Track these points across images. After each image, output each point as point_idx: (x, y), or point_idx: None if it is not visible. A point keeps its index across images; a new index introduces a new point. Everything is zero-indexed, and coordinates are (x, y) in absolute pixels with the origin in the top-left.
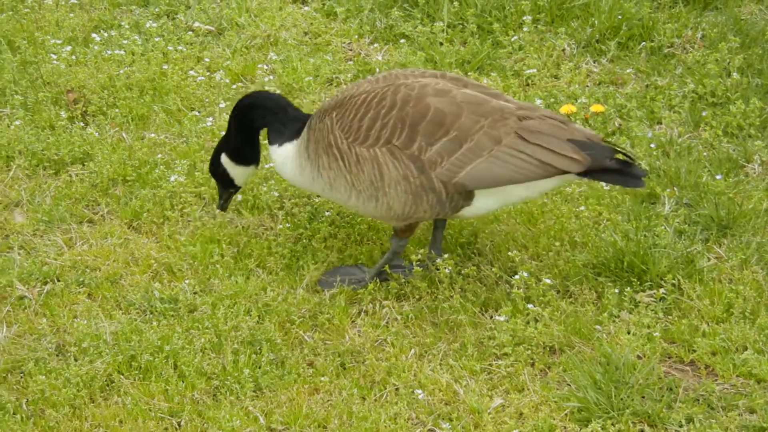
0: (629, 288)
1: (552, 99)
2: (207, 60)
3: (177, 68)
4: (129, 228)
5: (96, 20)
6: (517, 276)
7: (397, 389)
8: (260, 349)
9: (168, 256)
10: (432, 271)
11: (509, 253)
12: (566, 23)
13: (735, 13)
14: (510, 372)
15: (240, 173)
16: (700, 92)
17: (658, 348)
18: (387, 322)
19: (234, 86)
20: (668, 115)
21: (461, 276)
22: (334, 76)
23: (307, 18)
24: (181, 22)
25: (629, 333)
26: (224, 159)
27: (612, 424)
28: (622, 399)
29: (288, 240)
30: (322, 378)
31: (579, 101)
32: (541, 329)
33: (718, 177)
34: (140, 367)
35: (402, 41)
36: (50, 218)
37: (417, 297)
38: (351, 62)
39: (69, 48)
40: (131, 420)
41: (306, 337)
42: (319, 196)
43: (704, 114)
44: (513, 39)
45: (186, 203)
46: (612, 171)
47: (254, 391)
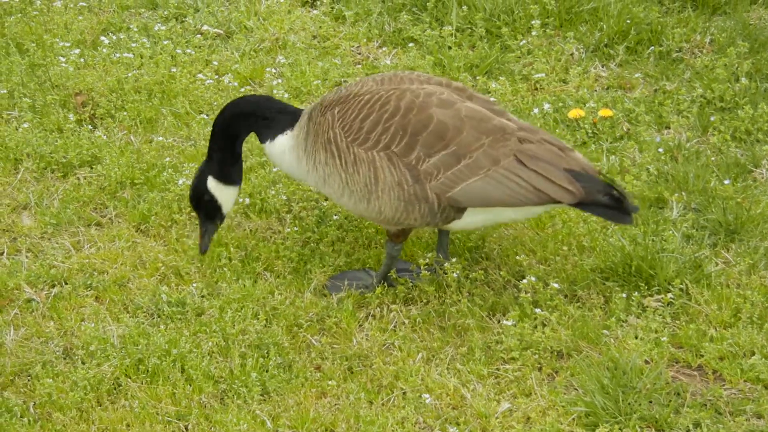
0: (637, 293)
1: (560, 103)
2: (215, 63)
3: (185, 71)
4: (137, 231)
5: (105, 23)
6: (525, 280)
7: (405, 393)
8: (268, 353)
9: (176, 260)
10: (440, 275)
11: (517, 258)
12: (575, 27)
13: (744, 18)
14: (517, 376)
15: (228, 196)
16: (709, 97)
17: (666, 353)
18: (394, 326)
19: (242, 89)
20: (676, 120)
21: (469, 280)
22: (343, 80)
23: (316, 21)
24: (190, 25)
25: (637, 338)
26: (211, 183)
27: (619, 429)
28: (630, 404)
29: (296, 243)
30: (330, 382)
31: (587, 105)
32: (549, 334)
33: (726, 182)
34: (147, 371)
35: (410, 45)
36: (58, 221)
37: (424, 301)
38: (359, 66)
39: (77, 51)
40: (138, 423)
41: (313, 341)
42: (327, 200)
43: (712, 119)
44: (521, 43)
45: None
46: (603, 205)
47: (261, 395)
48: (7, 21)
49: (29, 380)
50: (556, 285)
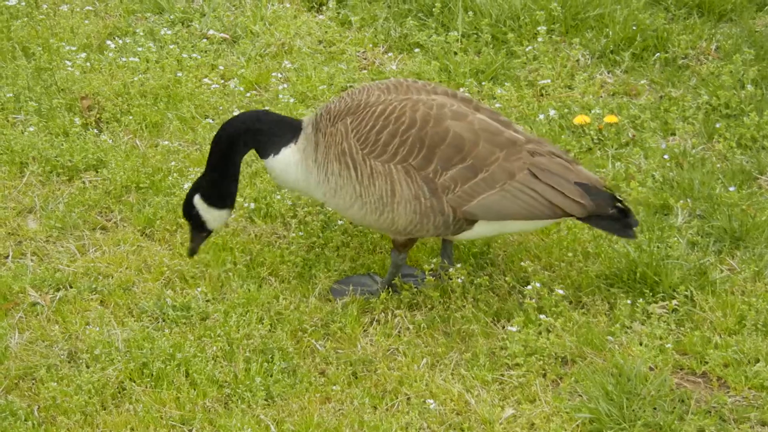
0: (642, 299)
1: (566, 109)
2: (221, 68)
3: (191, 76)
4: (142, 235)
5: (111, 27)
6: (530, 286)
7: (409, 399)
8: (272, 358)
9: (181, 264)
10: (444, 281)
11: (522, 263)
12: (581, 34)
13: (749, 25)
14: (522, 382)
15: (212, 217)
16: (714, 104)
17: (670, 359)
18: (399, 332)
19: (248, 94)
20: (682, 127)
21: (474, 286)
22: (348, 85)
23: (322, 26)
24: (196, 30)
25: (641, 344)
26: (197, 200)
27: None
28: (634, 410)
29: (301, 248)
30: (334, 387)
31: (593, 112)
32: (553, 340)
33: (732, 189)
34: (152, 375)
35: (416, 50)
36: (63, 225)
37: (429, 306)
38: (365, 71)
39: (84, 55)
40: (142, 427)
41: (318, 346)
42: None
43: (718, 126)
44: (527, 49)
45: None
46: (609, 218)
47: (266, 400)
48: (14, 25)
49: (34, 383)
50: (561, 291)
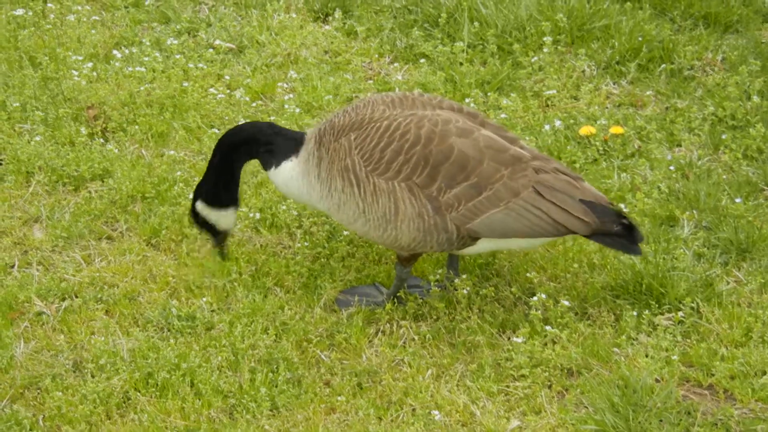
0: (648, 311)
1: (571, 120)
2: (227, 77)
3: (197, 85)
4: (147, 245)
5: (117, 37)
6: (535, 297)
7: (414, 410)
8: (277, 368)
9: (186, 274)
10: (450, 292)
11: (527, 275)
12: (586, 44)
13: (756, 36)
14: (527, 394)
15: (221, 218)
16: (720, 115)
17: (677, 371)
18: (404, 343)
19: (254, 104)
20: (688, 138)
21: (479, 297)
22: (354, 95)
23: (328, 37)
24: (202, 40)
25: (647, 356)
26: (200, 206)
27: None
28: (640, 422)
29: (306, 259)
30: (339, 397)
31: (598, 123)
32: (559, 351)
33: (738, 200)
34: (157, 385)
35: (422, 61)
36: (69, 234)
37: (434, 317)
38: (371, 81)
39: (90, 64)
40: None
41: (323, 357)
42: None
43: (724, 137)
44: (533, 60)
45: None
46: (614, 235)
47: (271, 410)
48: (21, 34)
49: (39, 393)
50: (567, 302)
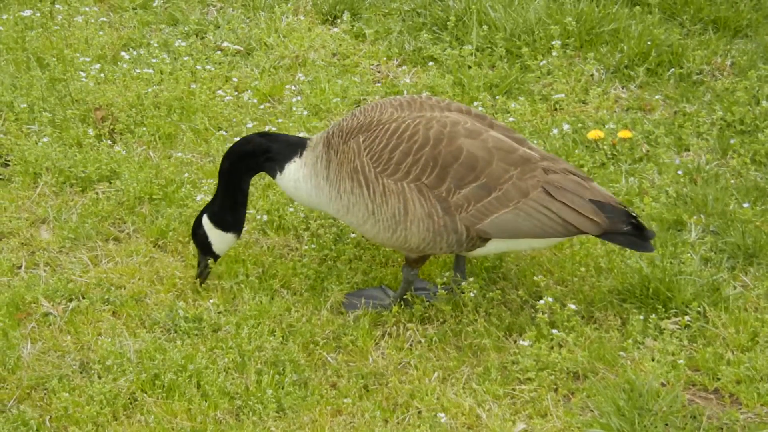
0: (654, 315)
1: (580, 124)
2: (235, 80)
3: (205, 87)
4: (154, 246)
5: (125, 38)
6: (542, 301)
7: (420, 412)
8: (283, 370)
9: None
10: (457, 295)
11: (534, 278)
12: (595, 48)
13: (765, 41)
14: (533, 397)
15: (218, 239)
16: (729, 120)
17: (683, 375)
18: (411, 345)
19: (262, 106)
20: (696, 142)
21: (486, 300)
22: (362, 98)
23: (336, 39)
24: (210, 42)
25: (653, 360)
26: (205, 220)
27: None
28: (646, 426)
29: (313, 261)
30: (345, 400)
31: (607, 127)
32: (565, 354)
33: (746, 205)
34: (163, 386)
35: (430, 64)
36: (76, 235)
37: (441, 320)
38: (379, 84)
39: (98, 66)
40: None
41: (329, 359)
42: None
43: (732, 141)
44: (541, 63)
45: None
46: (624, 234)
47: (277, 412)
48: (28, 35)
49: (46, 394)
50: (573, 306)
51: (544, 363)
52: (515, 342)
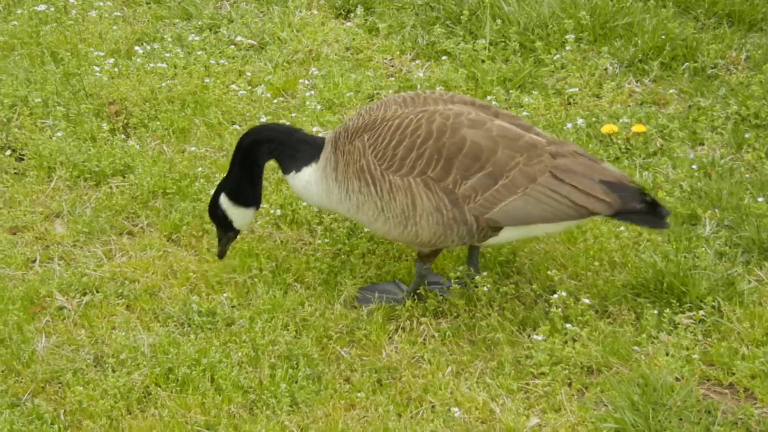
0: (668, 309)
1: (593, 118)
2: (249, 74)
3: (218, 82)
4: (168, 240)
5: (139, 33)
6: (556, 295)
7: (434, 407)
8: (297, 364)
9: (206, 269)
10: (470, 289)
11: (548, 272)
12: (609, 42)
13: None
14: (547, 391)
15: (239, 215)
16: (744, 114)
17: (697, 370)
18: (424, 339)
19: (275, 101)
20: (711, 137)
21: (499, 294)
22: (375, 92)
23: (349, 33)
24: (224, 36)
25: (668, 354)
26: (223, 199)
27: None
28: (660, 421)
29: (326, 255)
30: (359, 394)
31: (621, 121)
32: (579, 349)
33: (760, 199)
34: (177, 380)
35: (444, 58)
36: (90, 229)
37: (455, 314)
38: (392, 78)
39: (112, 60)
40: None
41: (343, 353)
42: None
43: (747, 136)
44: (555, 57)
45: None
46: (639, 212)
47: (290, 406)
48: (43, 30)
49: (60, 387)
50: (587, 300)
51: (558, 357)
52: (529, 336)
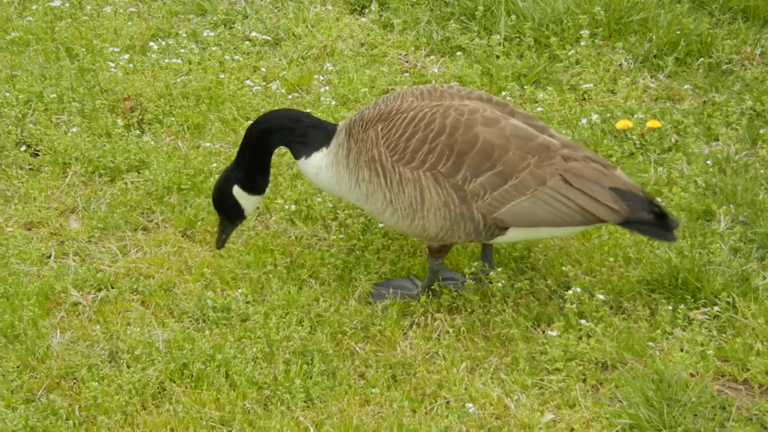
0: (683, 305)
1: (608, 114)
2: (263, 70)
3: (233, 77)
4: (183, 236)
5: (154, 29)
6: (571, 291)
7: (448, 402)
8: (312, 360)
9: (221, 265)
10: (484, 285)
11: (563, 268)
12: (624, 38)
13: None
14: (561, 387)
15: (251, 203)
16: (758, 109)
17: (712, 366)
18: (439, 335)
19: (290, 96)
20: (725, 132)
21: (514, 290)
22: (390, 88)
23: (364, 29)
24: (239, 32)
25: (682, 350)
26: (237, 190)
27: None
28: (675, 417)
29: (341, 251)
30: (373, 390)
31: (635, 116)
32: (594, 345)
33: None
34: (192, 376)
35: (458, 54)
36: (105, 225)
37: (469, 310)
38: (407, 74)
39: (126, 56)
40: (182, 428)
41: (357, 349)
42: None
43: (762, 131)
44: (570, 53)
45: None
46: (647, 223)
47: (305, 402)
48: (58, 26)
49: (75, 383)
50: (602, 296)
51: (573, 353)
52: (543, 332)
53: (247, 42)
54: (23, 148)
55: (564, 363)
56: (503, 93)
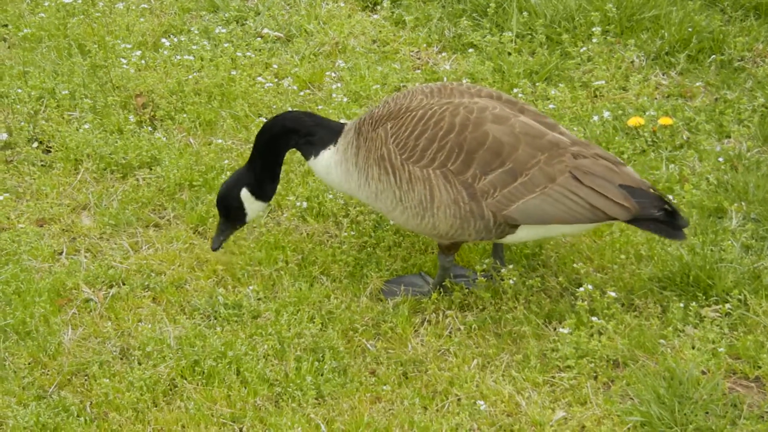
0: (695, 302)
1: (620, 111)
2: (275, 66)
3: (245, 74)
4: (194, 233)
5: (166, 25)
6: (582, 288)
7: (459, 400)
8: (323, 357)
9: (232, 262)
10: (496, 282)
11: (574, 265)
12: (636, 35)
13: None
14: (573, 385)
15: (256, 209)
16: None
17: (723, 363)
18: (450, 332)
19: (302, 93)
20: (737, 129)
21: (525, 287)
22: (402, 85)
23: (376, 26)
24: (251, 29)
25: (694, 348)
26: (245, 193)
27: None
28: (686, 414)
29: (352, 248)
30: (384, 387)
31: (647, 113)
32: (605, 342)
33: None
34: (203, 372)
35: (470, 51)
36: (117, 222)
37: (480, 307)
38: (419, 71)
39: (139, 52)
40: (193, 425)
41: (369, 346)
42: None
43: None
44: (582, 50)
45: None
46: (656, 221)
47: (316, 399)
48: (70, 22)
49: (86, 380)
50: (613, 293)
51: (584, 350)
52: (555, 329)
53: (259, 39)
54: (35, 145)
55: (575, 360)
56: (515, 90)
